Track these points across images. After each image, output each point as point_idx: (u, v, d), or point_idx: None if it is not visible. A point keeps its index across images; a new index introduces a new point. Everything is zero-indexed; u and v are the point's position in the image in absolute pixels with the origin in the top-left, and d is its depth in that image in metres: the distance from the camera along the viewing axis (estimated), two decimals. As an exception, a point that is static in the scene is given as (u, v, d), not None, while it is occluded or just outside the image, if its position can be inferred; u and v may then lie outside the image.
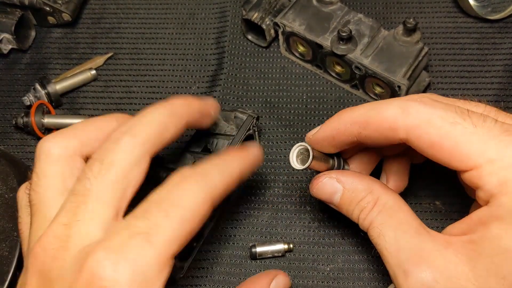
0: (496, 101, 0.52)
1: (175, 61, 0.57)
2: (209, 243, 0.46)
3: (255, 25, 0.55)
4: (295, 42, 0.54)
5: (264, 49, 0.57)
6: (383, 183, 0.39)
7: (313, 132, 0.40)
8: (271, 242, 0.46)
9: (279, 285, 0.41)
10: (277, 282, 0.41)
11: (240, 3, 0.59)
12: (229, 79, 0.55)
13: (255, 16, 0.54)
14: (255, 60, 0.56)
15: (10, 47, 0.57)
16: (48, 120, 0.52)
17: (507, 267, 0.31)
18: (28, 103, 0.53)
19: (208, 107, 0.41)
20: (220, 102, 0.53)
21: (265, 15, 0.54)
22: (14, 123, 0.52)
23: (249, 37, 0.57)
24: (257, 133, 0.49)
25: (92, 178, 0.32)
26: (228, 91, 0.54)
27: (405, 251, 0.34)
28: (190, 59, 0.57)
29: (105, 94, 0.55)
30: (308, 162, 0.37)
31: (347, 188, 0.38)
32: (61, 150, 0.35)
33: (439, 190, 0.47)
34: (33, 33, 0.59)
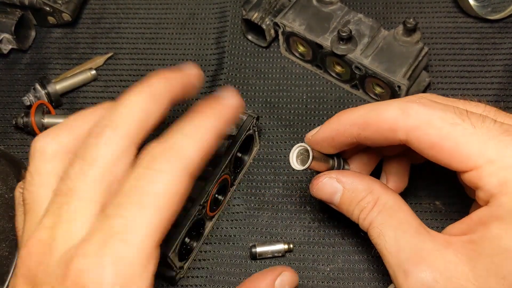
0: (496, 101, 0.52)
1: (175, 61, 0.57)
2: (209, 243, 0.46)
3: (255, 25, 0.55)
4: (295, 42, 0.54)
5: (264, 49, 0.57)
6: (383, 183, 0.39)
7: (312, 132, 0.40)
8: (271, 242, 0.45)
9: (285, 282, 0.39)
10: (282, 280, 0.39)
11: (240, 3, 0.59)
12: (229, 79, 0.55)
13: (255, 16, 0.54)
14: (255, 60, 0.56)
15: (10, 47, 0.57)
16: (48, 120, 0.52)
17: (507, 267, 0.31)
18: (28, 103, 0.53)
19: (191, 78, 0.37)
20: (220, 102, 0.53)
21: (265, 15, 0.54)
22: (14, 123, 0.52)
23: (249, 37, 0.57)
24: (257, 133, 0.49)
25: (74, 177, 0.31)
26: (228, 91, 0.54)
27: (405, 251, 0.34)
28: (190, 59, 0.57)
29: (105, 94, 0.55)
30: (308, 162, 0.37)
31: (347, 188, 0.38)
32: (54, 148, 0.34)
33: (439, 190, 0.47)
34: (33, 33, 0.59)
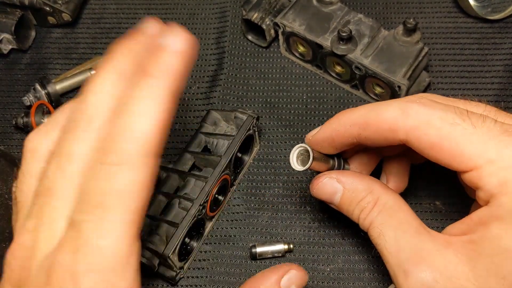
0: (496, 101, 0.52)
1: (175, 61, 0.57)
2: (209, 243, 0.46)
3: (255, 25, 0.55)
4: (295, 42, 0.54)
5: (264, 49, 0.57)
6: (383, 183, 0.39)
7: (313, 133, 0.40)
8: (271, 242, 0.45)
9: (292, 281, 0.36)
10: (289, 278, 0.36)
11: (240, 3, 0.59)
12: (229, 79, 0.55)
13: (255, 16, 0.54)
14: (255, 60, 0.56)
15: (10, 47, 0.57)
16: (48, 120, 0.52)
17: (507, 267, 0.31)
18: (28, 103, 0.53)
19: (157, 39, 0.29)
20: (220, 102, 0.53)
21: (265, 15, 0.54)
22: (14, 123, 0.52)
23: (249, 37, 0.57)
24: (257, 133, 0.49)
25: (51, 176, 0.30)
26: (228, 91, 0.54)
27: (405, 251, 0.34)
28: (190, 59, 0.57)
29: (105, 94, 0.55)
30: (309, 163, 0.37)
31: (347, 188, 0.38)
32: (45, 146, 0.33)
33: (439, 190, 0.47)
34: (33, 33, 0.59)
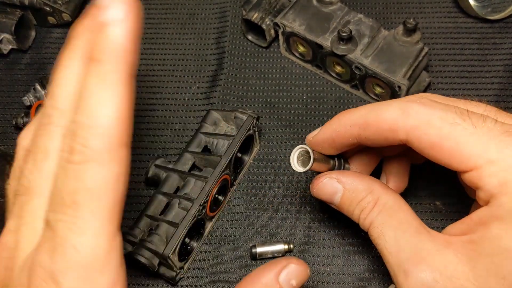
0: (497, 101, 0.52)
1: (175, 61, 0.57)
2: (209, 243, 0.46)
3: (255, 25, 0.55)
4: (295, 42, 0.54)
5: (264, 49, 0.57)
6: (383, 183, 0.39)
7: (313, 134, 0.40)
8: (271, 243, 0.45)
9: (291, 276, 0.33)
10: (288, 273, 0.33)
11: (240, 3, 0.59)
12: (229, 79, 0.55)
13: (255, 16, 0.54)
14: (255, 60, 0.56)
15: (10, 47, 0.57)
16: (48, 120, 0.52)
17: (507, 267, 0.31)
18: (28, 103, 0.53)
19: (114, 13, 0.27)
20: (220, 102, 0.53)
21: (265, 15, 0.54)
22: (14, 123, 0.52)
23: (249, 37, 0.57)
24: (257, 133, 0.49)
25: (28, 174, 0.30)
26: (228, 91, 0.54)
27: (405, 251, 0.34)
28: (190, 59, 0.57)
29: (105, 94, 0.55)
30: (309, 164, 0.37)
31: (348, 188, 0.38)
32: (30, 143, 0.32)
33: (439, 190, 0.47)
34: (33, 33, 0.59)
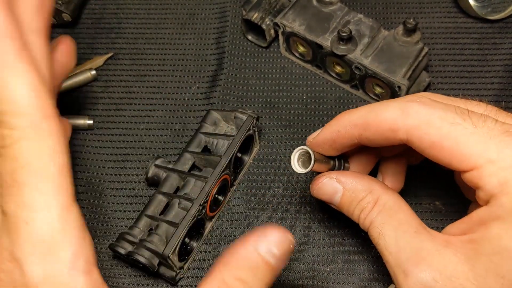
0: (497, 101, 0.52)
1: (175, 61, 0.57)
2: (209, 243, 0.46)
3: (255, 25, 0.55)
4: (295, 42, 0.54)
5: (264, 49, 0.57)
6: (383, 183, 0.39)
7: (313, 135, 0.40)
8: (271, 242, 0.45)
9: (271, 245, 0.29)
10: (268, 243, 0.29)
11: (240, 3, 0.59)
12: (229, 79, 0.55)
13: (255, 16, 0.54)
14: (255, 60, 0.56)
15: (10, 47, 0.57)
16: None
17: (506, 267, 0.31)
18: (28, 103, 0.53)
19: None
20: (220, 102, 0.53)
21: (265, 15, 0.54)
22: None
23: (249, 37, 0.57)
24: (257, 133, 0.49)
25: None
26: (228, 91, 0.54)
27: (405, 251, 0.34)
28: (190, 59, 0.57)
29: (105, 94, 0.55)
30: (310, 165, 0.37)
31: (347, 188, 0.38)
32: None
33: (439, 190, 0.47)
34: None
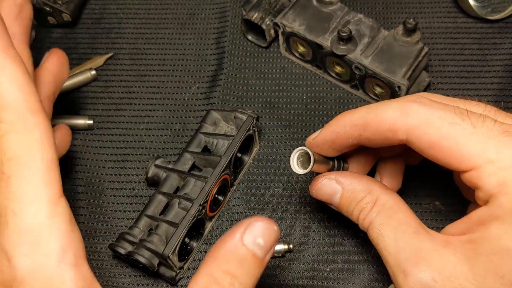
0: (496, 101, 0.52)
1: (175, 61, 0.57)
2: (209, 243, 0.46)
3: (255, 25, 0.55)
4: (295, 42, 0.54)
5: (264, 49, 0.57)
6: (382, 184, 0.39)
7: (313, 136, 0.40)
8: (271, 242, 0.45)
9: (257, 234, 0.30)
10: (253, 233, 0.30)
11: (240, 3, 0.59)
12: (229, 79, 0.55)
13: (255, 16, 0.54)
14: (255, 60, 0.56)
15: (10, 47, 0.57)
16: (48, 120, 0.51)
17: (506, 266, 0.31)
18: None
19: None
20: (220, 102, 0.53)
21: (265, 15, 0.54)
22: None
23: (249, 37, 0.57)
24: (257, 133, 0.49)
25: None
26: (228, 91, 0.54)
27: (404, 251, 0.34)
28: (190, 59, 0.57)
29: (105, 94, 0.55)
30: (310, 166, 0.37)
31: (346, 189, 0.38)
32: None
33: (439, 190, 0.47)
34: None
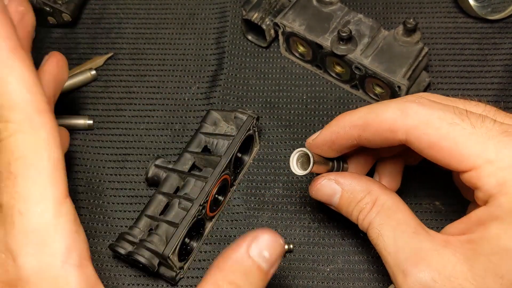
0: (496, 101, 0.52)
1: (175, 61, 0.57)
2: (209, 243, 0.46)
3: (255, 25, 0.55)
4: (295, 42, 0.54)
5: (264, 49, 0.57)
6: (381, 184, 0.39)
7: (313, 137, 0.40)
8: (270, 242, 0.45)
9: (262, 248, 0.30)
10: (259, 246, 0.30)
11: (240, 3, 0.59)
12: (229, 79, 0.55)
13: (255, 16, 0.54)
14: (255, 60, 0.56)
15: (11, 47, 0.57)
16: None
17: (505, 266, 0.31)
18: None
19: None
20: (220, 102, 0.53)
21: (265, 15, 0.54)
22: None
23: (249, 37, 0.57)
24: (257, 133, 0.49)
25: None
26: (228, 91, 0.54)
27: (404, 251, 0.34)
28: (190, 59, 0.57)
29: (105, 94, 0.55)
30: (309, 167, 0.37)
31: (346, 189, 0.38)
32: None
33: (439, 190, 0.47)
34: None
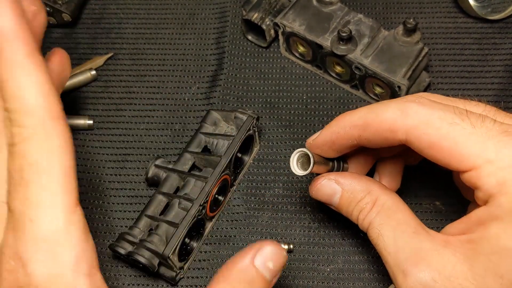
0: (496, 101, 0.52)
1: (175, 61, 0.57)
2: (209, 243, 0.46)
3: (255, 25, 0.55)
4: (295, 42, 0.54)
5: (264, 49, 0.57)
6: (381, 184, 0.39)
7: (313, 137, 0.40)
8: (271, 242, 0.45)
9: (267, 258, 0.31)
10: (263, 257, 0.31)
11: (240, 3, 0.59)
12: (229, 79, 0.55)
13: (255, 17, 0.54)
14: (255, 60, 0.56)
15: (11, 47, 0.57)
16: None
17: (505, 266, 0.31)
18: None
19: None
20: (220, 102, 0.53)
21: (265, 15, 0.54)
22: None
23: (249, 37, 0.57)
24: (257, 133, 0.49)
25: None
26: (228, 91, 0.54)
27: (404, 251, 0.34)
28: (190, 59, 0.57)
29: (105, 94, 0.55)
30: (310, 168, 0.37)
31: (346, 189, 0.38)
32: None
33: (439, 190, 0.47)
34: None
